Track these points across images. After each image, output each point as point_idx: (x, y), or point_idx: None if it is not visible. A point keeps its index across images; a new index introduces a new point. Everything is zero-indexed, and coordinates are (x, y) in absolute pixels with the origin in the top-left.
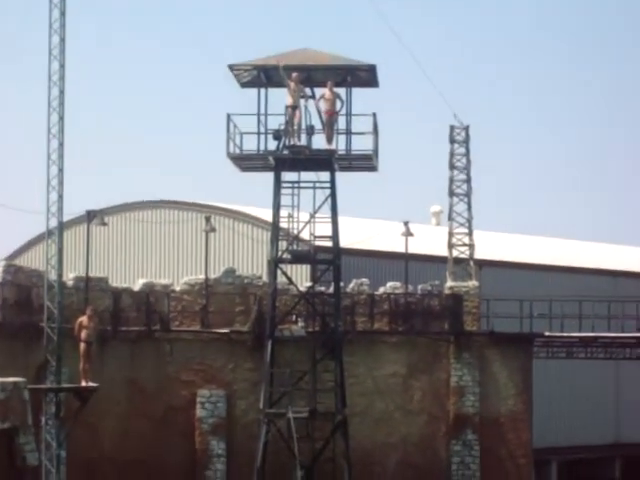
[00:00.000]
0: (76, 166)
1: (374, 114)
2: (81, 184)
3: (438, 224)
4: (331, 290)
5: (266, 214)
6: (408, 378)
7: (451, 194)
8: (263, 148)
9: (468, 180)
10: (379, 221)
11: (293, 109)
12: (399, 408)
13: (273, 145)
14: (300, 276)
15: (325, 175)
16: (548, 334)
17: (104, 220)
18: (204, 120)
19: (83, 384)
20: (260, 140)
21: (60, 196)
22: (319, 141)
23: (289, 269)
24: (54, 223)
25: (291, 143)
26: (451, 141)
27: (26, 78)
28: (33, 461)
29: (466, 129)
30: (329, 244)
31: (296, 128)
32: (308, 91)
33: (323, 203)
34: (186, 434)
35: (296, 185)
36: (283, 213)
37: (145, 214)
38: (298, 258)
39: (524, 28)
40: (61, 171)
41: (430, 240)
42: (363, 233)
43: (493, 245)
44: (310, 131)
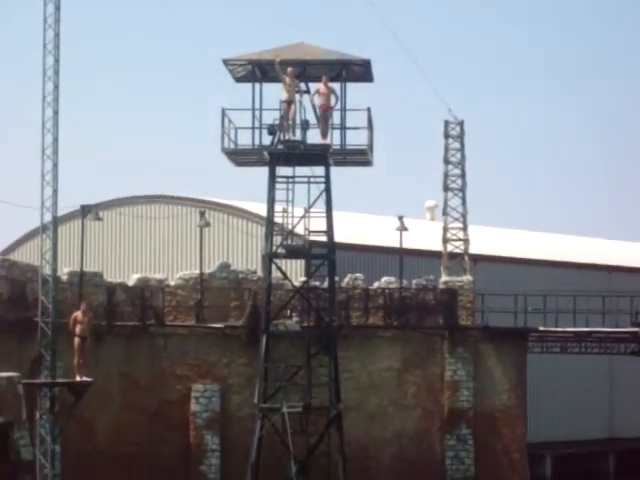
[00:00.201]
0: (71, 161)
1: (369, 109)
2: (76, 179)
3: (433, 219)
4: (326, 285)
5: (261, 209)
6: (402, 373)
7: (446, 189)
8: (258, 143)
9: (463, 175)
10: (374, 216)
11: (288, 104)
12: (393, 403)
13: (268, 140)
14: (295, 271)
15: (320, 170)
16: (542, 329)
17: (98, 215)
18: (198, 115)
19: (77, 379)
20: (255, 135)
21: (54, 191)
22: (314, 136)
23: (284, 264)
24: (49, 218)
25: (286, 138)
26: (446, 136)
27: (21, 72)
28: (27, 456)
29: (461, 124)
30: (324, 239)
31: (291, 123)
32: (303, 86)
33: (318, 198)
34: (180, 429)
35: (291, 180)
36: (278, 208)
37: (139, 209)
38: (293, 253)
39: (519, 21)
40: (55, 166)
41: (425, 235)
42: (358, 228)
43: (488, 240)
44: (305, 126)
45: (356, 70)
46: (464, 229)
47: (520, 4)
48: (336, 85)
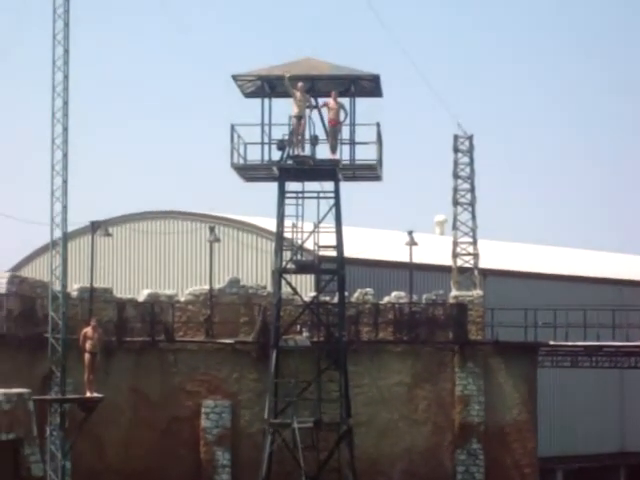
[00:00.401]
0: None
1: (378, 124)
2: (85, 195)
3: (442, 233)
4: (335, 300)
5: (270, 224)
6: (413, 387)
7: (455, 203)
8: (267, 158)
9: (472, 189)
10: (383, 231)
11: (299, 119)
12: (404, 418)
13: (277, 155)
14: (304, 286)
15: (329, 185)
16: (553, 343)
17: (108, 231)
18: (208, 130)
19: (88, 395)
20: (264, 150)
21: (64, 207)
22: (323, 151)
23: (293, 279)
24: (58, 234)
25: (295, 153)
26: (455, 150)
27: (30, 88)
28: (38, 472)
29: (470, 138)
30: (333, 254)
31: (300, 138)
32: (312, 101)
33: (327, 213)
34: (191, 444)
35: (300, 195)
36: (287, 223)
37: (149, 225)
38: (302, 268)
39: (529, 36)
40: (65, 182)
41: (434, 249)
42: (367, 243)
43: (497, 254)
44: (314, 141)
45: (365, 85)
46: (474, 243)
47: (531, 18)
48: (345, 100)
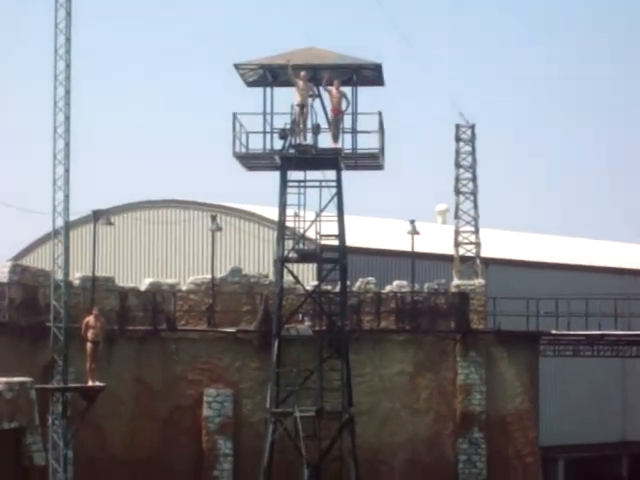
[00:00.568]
0: (82, 166)
1: (380, 113)
2: (87, 184)
3: (444, 222)
4: (337, 289)
5: (272, 213)
6: (415, 376)
7: (457, 192)
8: (269, 147)
9: (474, 178)
10: (385, 220)
11: (301, 107)
12: (406, 406)
13: (279, 144)
14: (306, 275)
15: (331, 174)
16: (555, 332)
17: (110, 220)
18: (210, 119)
19: (90, 384)
20: (266, 139)
21: (66, 196)
22: (325, 140)
23: (295, 268)
24: (60, 223)
25: (297, 142)
26: (457, 139)
27: (32, 77)
28: (40, 461)
29: (472, 127)
30: (335, 243)
31: (302, 127)
32: (315, 90)
33: (329, 202)
34: (193, 433)
35: (302, 184)
36: (289, 212)
37: (151, 214)
38: (304, 257)
39: (530, 26)
40: (67, 171)
41: (436, 238)
42: (369, 232)
43: (499, 243)
44: (316, 130)
45: (367, 74)
46: (476, 232)
47: (535, 7)
48: (347, 89)
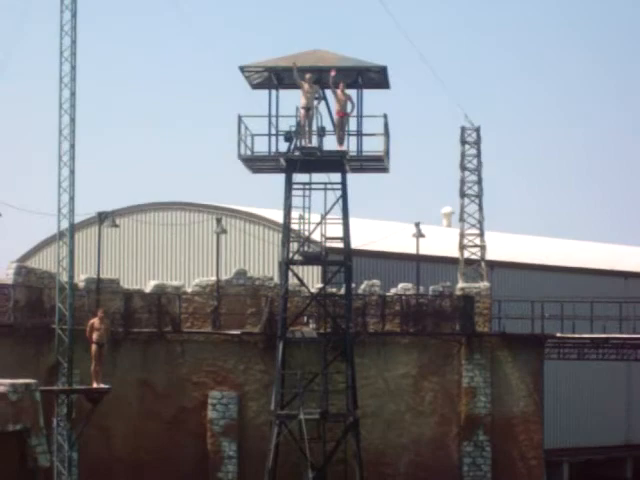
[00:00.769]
0: (88, 168)
1: (385, 115)
2: (92, 186)
3: (449, 225)
4: (342, 291)
5: (277, 215)
6: (419, 379)
7: (462, 195)
8: (274, 150)
9: (479, 181)
10: (390, 222)
11: (307, 110)
12: (410, 409)
13: (284, 147)
14: (311, 277)
15: (336, 176)
16: (559, 335)
17: (115, 222)
18: (215, 122)
19: (94, 386)
20: (271, 142)
21: (71, 198)
22: (330, 142)
23: (300, 270)
24: (65, 225)
25: (302, 144)
26: (462, 142)
27: (38, 79)
28: (45, 463)
29: (477, 130)
30: (340, 245)
31: (308, 130)
32: (320, 92)
33: (334, 204)
34: (198, 435)
35: (307, 186)
36: (294, 214)
37: (156, 216)
38: (309, 259)
39: (536, 30)
40: (72, 173)
41: (441, 241)
42: (374, 234)
43: (504, 246)
44: (321, 132)
45: (372, 77)
46: (481, 235)
47: (538, 11)
48: (352, 92)
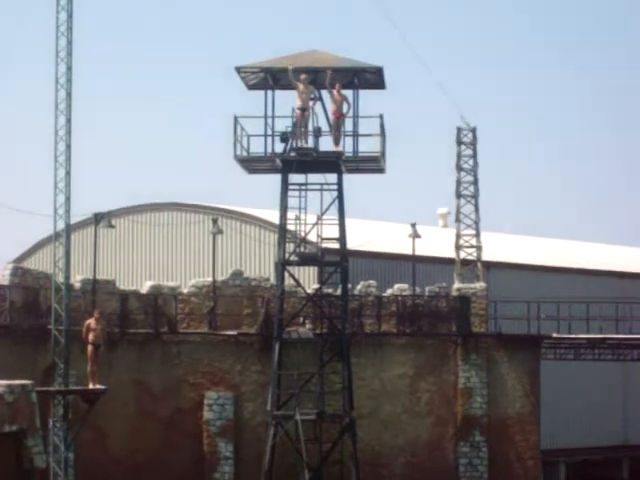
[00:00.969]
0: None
1: (381, 116)
2: (88, 186)
3: (445, 226)
4: (338, 292)
5: (273, 216)
6: (416, 380)
7: (458, 196)
8: (270, 150)
9: (475, 182)
10: (386, 223)
11: (302, 111)
12: (407, 410)
13: (280, 147)
14: (307, 278)
15: (332, 177)
16: (556, 336)
17: (111, 222)
18: (211, 122)
19: (91, 386)
20: (267, 142)
21: (67, 198)
22: (326, 143)
23: (296, 271)
24: (61, 225)
25: (298, 145)
26: (458, 143)
27: (34, 79)
28: (41, 464)
29: (473, 131)
30: (336, 246)
31: (303, 130)
32: (316, 93)
33: (330, 205)
34: (194, 436)
35: (303, 187)
36: (290, 215)
37: (152, 216)
38: (305, 260)
39: (532, 30)
40: (68, 173)
41: (437, 242)
42: (370, 235)
43: (500, 247)
44: (317, 133)
45: (368, 77)
46: (477, 236)
47: (535, 10)
48: (348, 92)
